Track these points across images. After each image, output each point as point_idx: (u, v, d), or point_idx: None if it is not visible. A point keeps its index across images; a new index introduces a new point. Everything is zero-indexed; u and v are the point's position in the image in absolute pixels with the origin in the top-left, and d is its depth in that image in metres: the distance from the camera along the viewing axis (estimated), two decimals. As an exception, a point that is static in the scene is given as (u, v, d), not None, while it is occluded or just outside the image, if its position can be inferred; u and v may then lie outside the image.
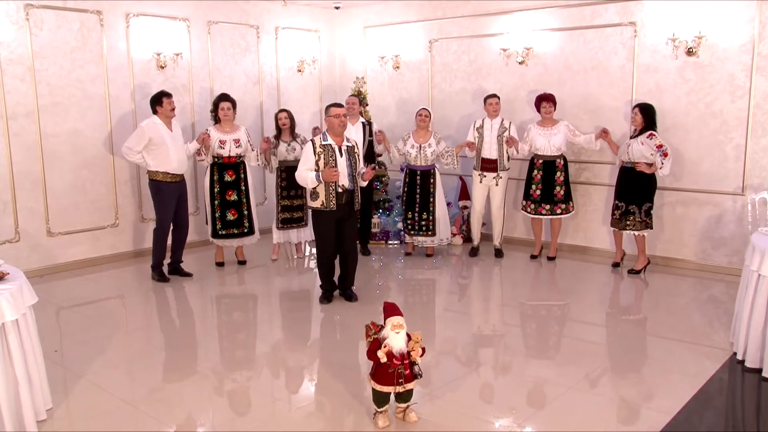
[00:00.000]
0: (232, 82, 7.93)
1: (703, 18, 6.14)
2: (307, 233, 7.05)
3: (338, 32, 9.17)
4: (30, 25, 6.26)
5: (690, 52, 6.24)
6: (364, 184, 5.57)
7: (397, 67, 8.52)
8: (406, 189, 7.07)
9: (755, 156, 6.06)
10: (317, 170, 5.28)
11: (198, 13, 7.57)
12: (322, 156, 5.31)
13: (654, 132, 6.13)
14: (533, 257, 7.01)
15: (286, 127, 6.75)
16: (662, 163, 6.08)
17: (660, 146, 6.07)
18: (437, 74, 8.18)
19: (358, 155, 5.51)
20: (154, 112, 6.15)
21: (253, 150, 6.71)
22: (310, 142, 5.40)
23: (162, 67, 7.22)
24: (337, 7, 8.86)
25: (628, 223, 6.31)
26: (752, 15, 5.92)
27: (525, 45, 7.28)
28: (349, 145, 5.45)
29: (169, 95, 6.18)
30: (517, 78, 7.45)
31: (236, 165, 6.56)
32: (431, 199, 6.97)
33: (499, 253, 7.15)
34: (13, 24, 6.16)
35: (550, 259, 6.96)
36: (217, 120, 6.59)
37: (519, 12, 7.34)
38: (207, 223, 6.69)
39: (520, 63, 7.37)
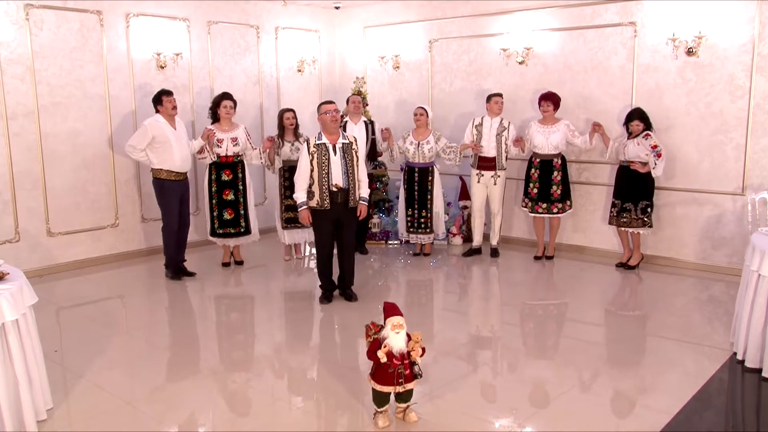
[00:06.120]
0: (232, 82, 7.92)
1: (703, 18, 6.13)
2: (309, 234, 7.04)
3: (338, 32, 9.17)
4: (30, 25, 6.26)
5: (690, 52, 6.24)
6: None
7: (397, 67, 8.52)
8: (405, 187, 7.09)
9: (755, 156, 6.06)
10: (311, 183, 5.34)
11: (198, 13, 7.57)
12: (315, 156, 5.31)
13: (650, 132, 6.15)
14: (537, 258, 6.98)
15: (292, 127, 6.74)
16: (655, 164, 6.09)
17: (654, 147, 6.09)
18: (437, 74, 8.18)
19: (356, 152, 5.45)
20: (157, 111, 6.15)
21: (254, 149, 6.70)
22: (305, 143, 5.41)
23: (162, 67, 7.22)
24: (337, 7, 8.86)
25: (623, 220, 6.34)
26: (752, 15, 5.92)
27: (525, 45, 7.27)
28: (345, 142, 5.41)
29: (169, 93, 6.16)
30: (518, 78, 7.45)
31: (234, 164, 6.54)
32: (429, 197, 6.99)
33: (495, 253, 7.14)
34: (13, 24, 6.16)
35: (548, 258, 6.96)
36: (215, 118, 6.57)
37: (519, 12, 7.33)
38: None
39: (520, 63, 7.36)
